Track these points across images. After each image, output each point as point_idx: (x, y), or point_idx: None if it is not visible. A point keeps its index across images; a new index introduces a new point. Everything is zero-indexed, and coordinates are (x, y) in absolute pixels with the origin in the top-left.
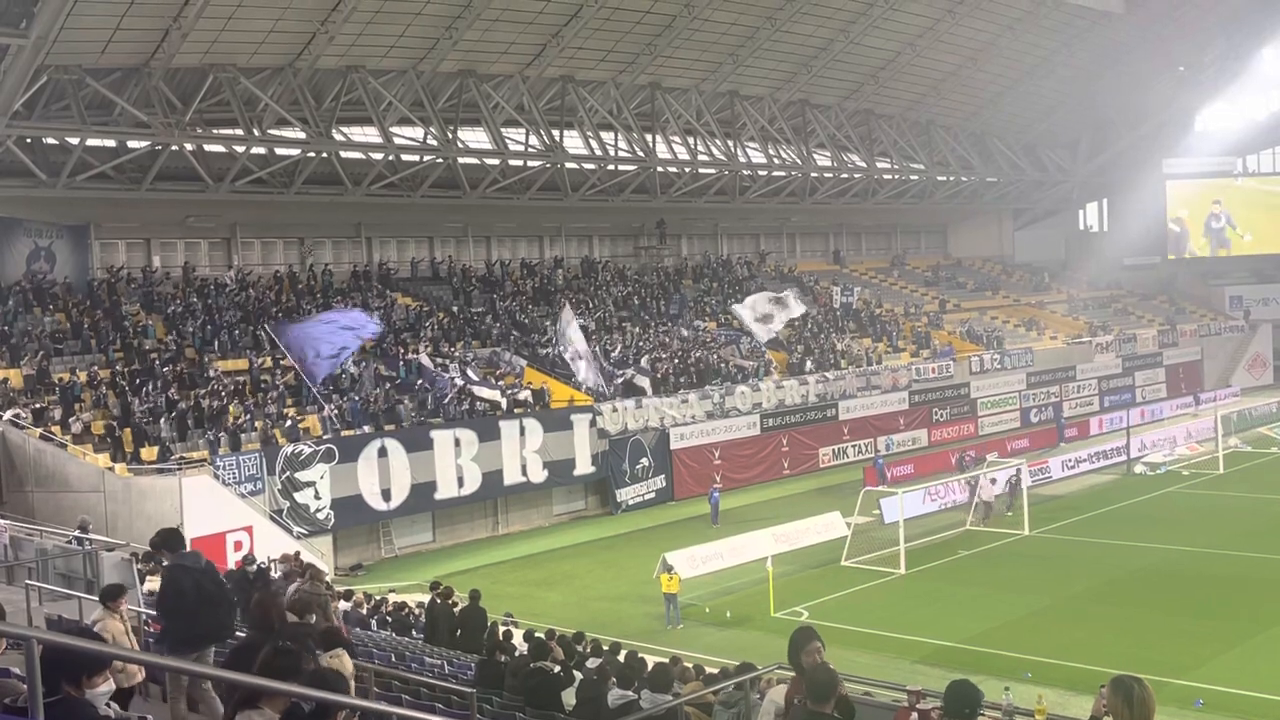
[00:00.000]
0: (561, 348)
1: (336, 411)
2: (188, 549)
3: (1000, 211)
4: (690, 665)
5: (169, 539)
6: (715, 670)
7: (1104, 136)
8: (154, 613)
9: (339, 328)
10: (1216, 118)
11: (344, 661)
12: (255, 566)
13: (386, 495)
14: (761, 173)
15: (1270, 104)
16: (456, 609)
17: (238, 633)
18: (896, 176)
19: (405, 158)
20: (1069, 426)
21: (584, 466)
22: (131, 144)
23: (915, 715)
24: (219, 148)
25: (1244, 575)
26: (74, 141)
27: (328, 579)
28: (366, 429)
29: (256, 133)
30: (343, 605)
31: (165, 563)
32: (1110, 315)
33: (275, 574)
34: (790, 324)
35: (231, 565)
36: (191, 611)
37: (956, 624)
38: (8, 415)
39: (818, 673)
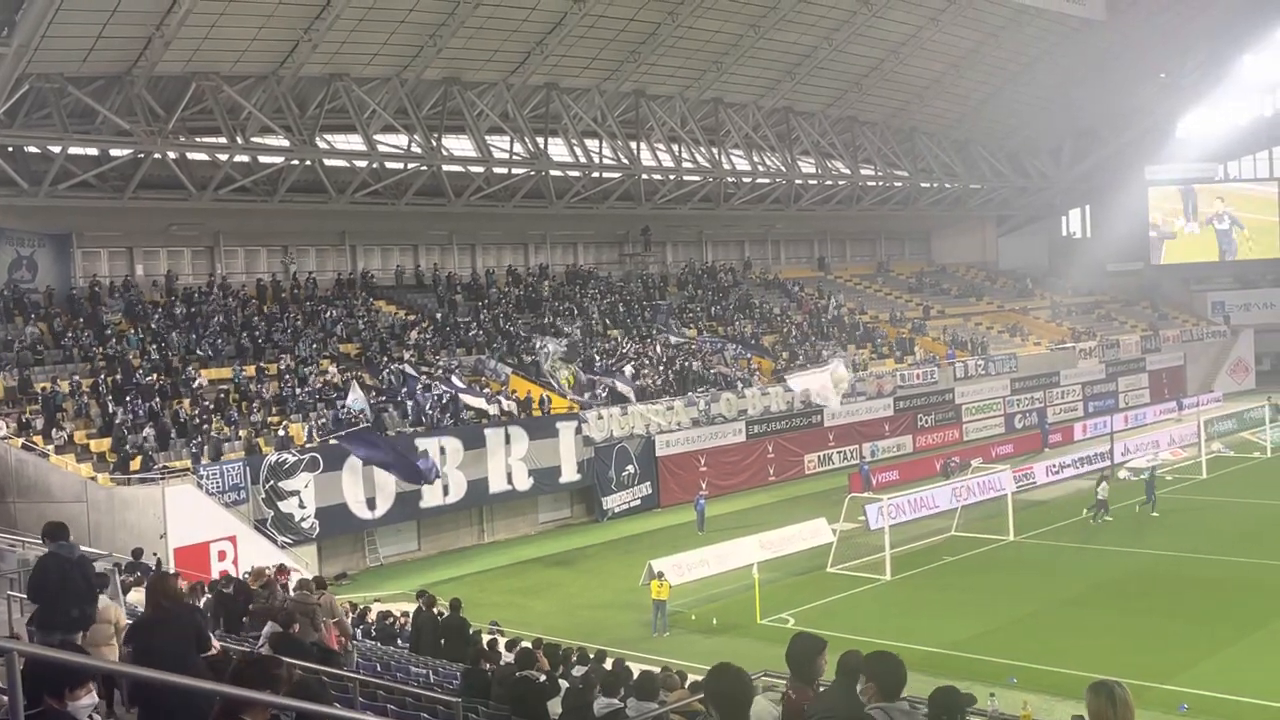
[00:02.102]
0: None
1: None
2: (69, 541)
3: (984, 218)
4: (675, 673)
5: (52, 530)
6: (701, 678)
7: (1087, 143)
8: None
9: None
10: (1198, 124)
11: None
12: (231, 587)
13: (371, 504)
14: (746, 180)
15: (1252, 110)
16: (441, 618)
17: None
18: (881, 183)
19: (389, 165)
20: (1053, 432)
21: (569, 474)
22: (114, 152)
23: None
24: (202, 156)
25: (1228, 579)
26: (56, 150)
27: (316, 591)
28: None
29: (240, 141)
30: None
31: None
32: (1093, 321)
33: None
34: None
35: (215, 576)
36: (51, 597)
37: (942, 629)
38: None
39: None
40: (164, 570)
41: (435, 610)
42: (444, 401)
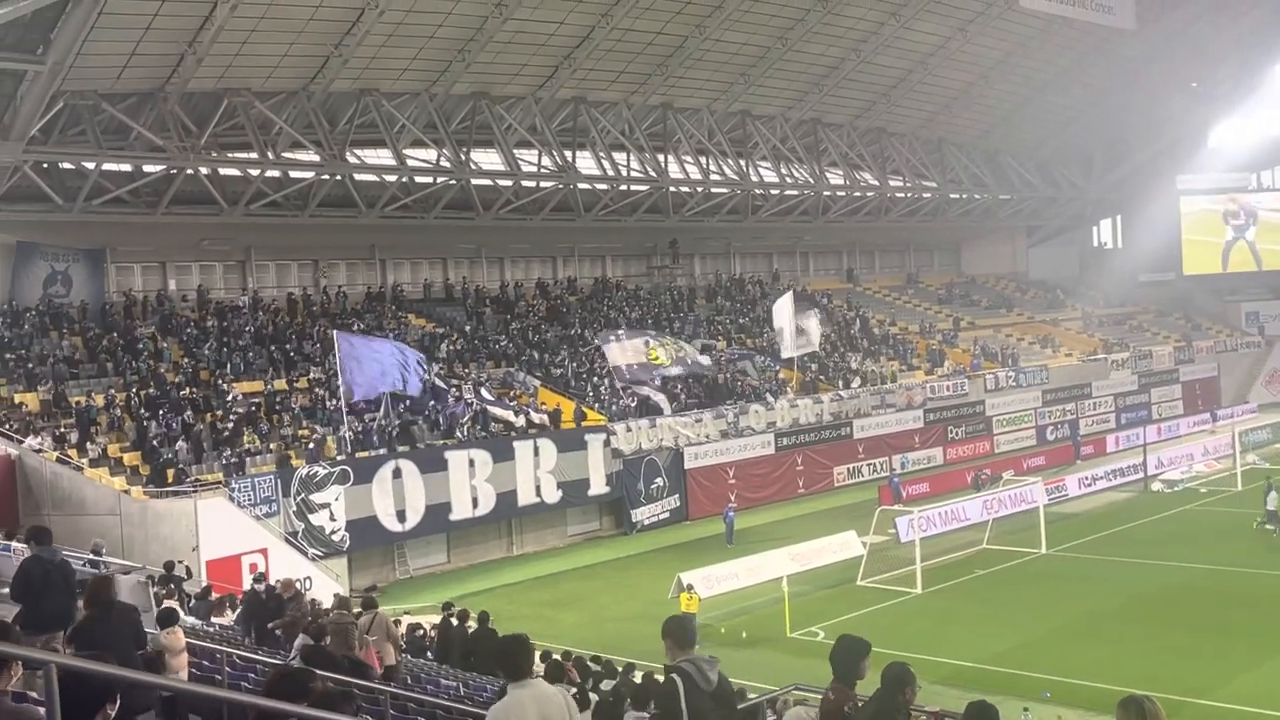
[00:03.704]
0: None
1: (355, 431)
2: (51, 545)
3: (1013, 229)
4: None
5: (37, 534)
6: None
7: (1117, 153)
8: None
9: (397, 363)
10: (1230, 133)
11: (176, 637)
12: (265, 586)
13: (401, 516)
14: (774, 192)
15: None
16: (470, 631)
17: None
18: (909, 194)
19: (419, 180)
20: (1085, 444)
21: (598, 487)
22: (147, 168)
23: None
24: (234, 171)
25: (1265, 594)
26: (90, 166)
27: (368, 611)
28: (381, 450)
29: (271, 156)
30: None
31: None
32: (1125, 332)
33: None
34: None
35: (247, 586)
36: (33, 598)
37: (974, 644)
38: (29, 442)
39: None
40: (103, 574)
41: (466, 624)
42: (474, 413)
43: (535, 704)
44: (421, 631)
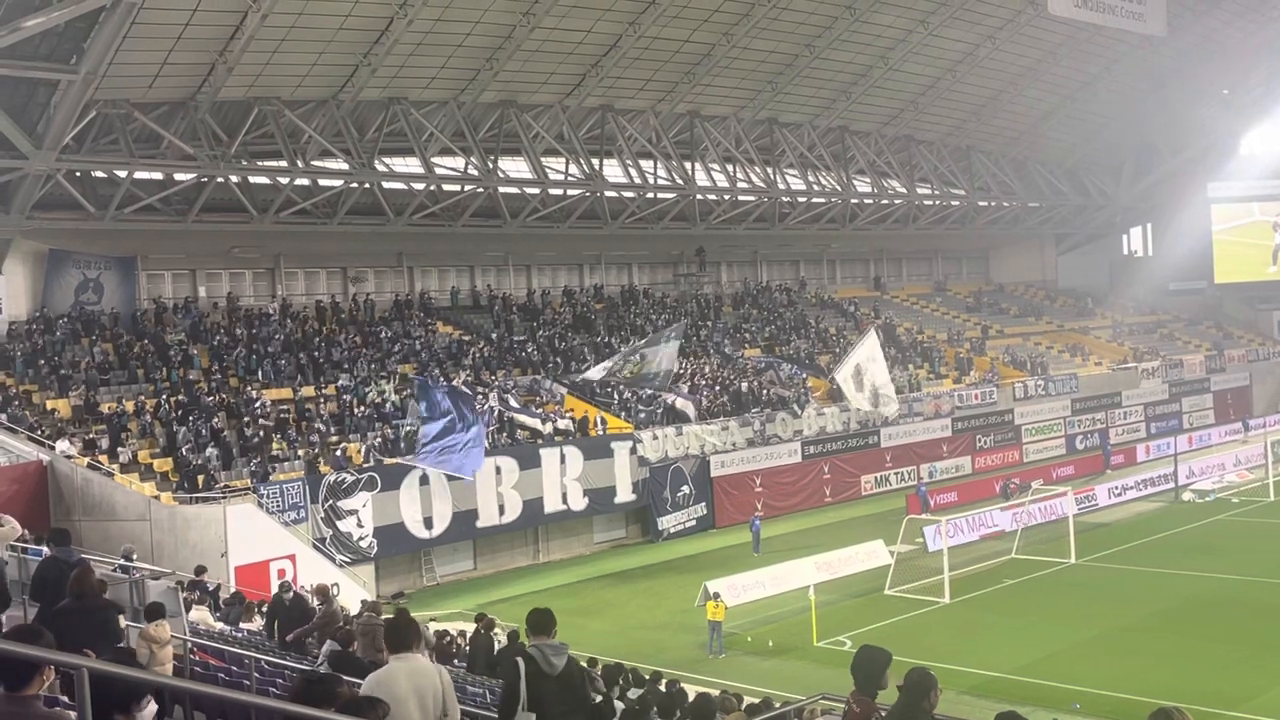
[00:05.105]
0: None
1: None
2: (69, 546)
3: (1042, 236)
4: (732, 695)
5: (55, 535)
6: (757, 700)
7: (1148, 160)
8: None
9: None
10: (1262, 140)
11: (163, 629)
12: (291, 593)
13: (428, 523)
14: (801, 199)
15: None
16: (498, 645)
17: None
18: (937, 202)
19: (446, 188)
20: (1115, 453)
21: (625, 494)
22: (178, 176)
23: None
24: (263, 179)
25: None
26: (122, 174)
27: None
28: (409, 457)
29: (300, 164)
30: None
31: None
32: (1156, 340)
33: (315, 601)
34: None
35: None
36: (49, 596)
37: (1003, 654)
38: (60, 447)
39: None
40: (87, 565)
41: (492, 633)
42: (500, 420)
43: (408, 676)
44: (449, 639)
